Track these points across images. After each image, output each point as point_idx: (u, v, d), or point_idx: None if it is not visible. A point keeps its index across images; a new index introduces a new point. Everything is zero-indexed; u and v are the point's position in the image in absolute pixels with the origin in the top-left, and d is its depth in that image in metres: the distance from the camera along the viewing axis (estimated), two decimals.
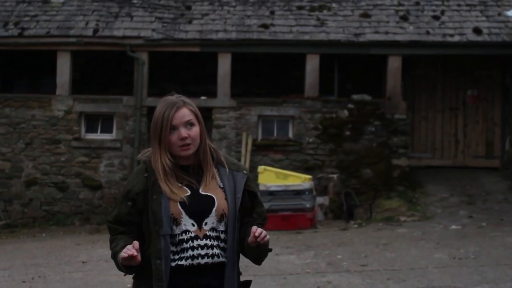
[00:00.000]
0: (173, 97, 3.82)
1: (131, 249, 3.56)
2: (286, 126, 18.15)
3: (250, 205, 3.88)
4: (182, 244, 3.71)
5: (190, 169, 3.81)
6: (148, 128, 17.76)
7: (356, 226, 15.41)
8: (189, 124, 3.76)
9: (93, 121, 18.25)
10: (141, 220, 3.75)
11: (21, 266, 11.91)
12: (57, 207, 17.89)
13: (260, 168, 16.09)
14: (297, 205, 15.28)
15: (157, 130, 3.75)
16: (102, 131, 18.20)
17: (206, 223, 3.73)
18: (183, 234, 3.72)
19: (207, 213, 3.73)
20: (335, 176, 17.20)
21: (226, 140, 17.81)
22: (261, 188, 15.38)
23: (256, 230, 3.64)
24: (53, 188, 17.91)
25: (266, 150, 17.86)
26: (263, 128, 18.13)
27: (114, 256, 3.73)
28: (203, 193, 3.76)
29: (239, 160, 17.45)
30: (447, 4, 19.22)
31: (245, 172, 3.90)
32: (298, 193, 15.35)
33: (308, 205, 15.30)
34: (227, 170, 3.85)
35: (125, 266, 3.66)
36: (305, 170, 17.28)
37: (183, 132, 3.73)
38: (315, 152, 17.85)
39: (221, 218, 3.75)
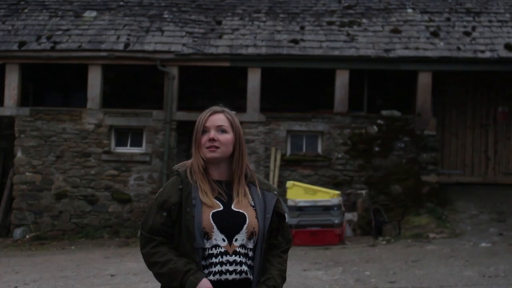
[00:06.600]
0: (216, 106, 3.93)
1: None
2: (315, 142, 18.12)
3: (276, 227, 3.91)
4: (211, 259, 3.73)
5: (223, 184, 3.85)
6: (178, 142, 17.89)
7: (384, 242, 15.32)
8: (221, 129, 3.83)
9: (123, 135, 18.33)
10: (173, 231, 3.78)
11: (50, 278, 11.97)
12: (87, 220, 17.98)
13: (289, 183, 16.07)
14: (325, 221, 15.23)
15: (194, 132, 3.86)
16: (131, 145, 18.27)
17: (236, 239, 3.74)
18: (213, 248, 3.73)
19: (238, 230, 3.74)
20: (364, 192, 17.13)
21: (255, 155, 17.81)
22: (290, 203, 15.34)
23: None
24: (82, 201, 18.01)
25: (294, 165, 17.84)
26: (292, 143, 18.11)
27: (174, 273, 3.68)
28: (235, 209, 3.78)
29: (268, 175, 17.45)
30: (478, 20, 19.14)
31: (275, 192, 3.93)
32: (326, 208, 15.30)
33: (336, 221, 15.24)
34: (258, 189, 3.88)
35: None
36: (334, 186, 17.25)
37: (213, 133, 3.80)
38: (344, 168, 17.79)
39: (251, 236, 3.77)
